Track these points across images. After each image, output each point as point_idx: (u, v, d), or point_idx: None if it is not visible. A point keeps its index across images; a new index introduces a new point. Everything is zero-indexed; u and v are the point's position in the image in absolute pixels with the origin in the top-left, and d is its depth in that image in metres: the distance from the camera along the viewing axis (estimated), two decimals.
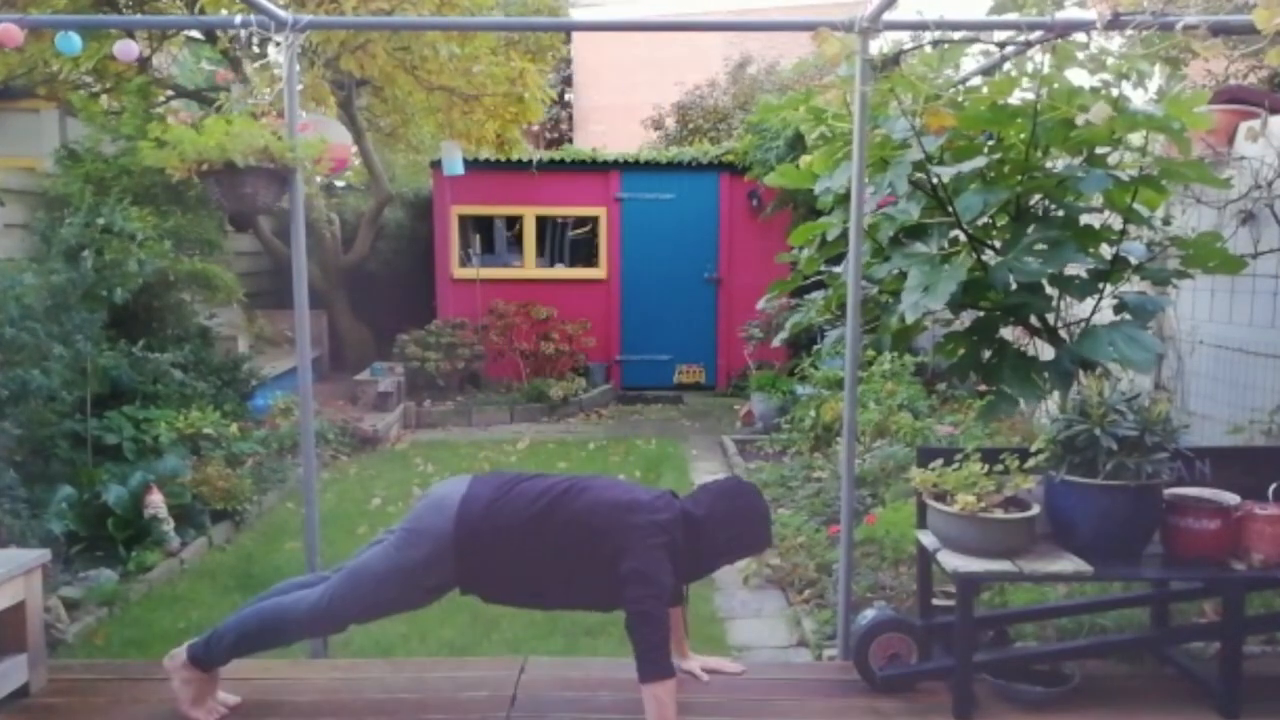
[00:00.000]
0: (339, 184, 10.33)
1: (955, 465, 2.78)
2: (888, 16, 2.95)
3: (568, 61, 15.32)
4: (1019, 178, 3.02)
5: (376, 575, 2.56)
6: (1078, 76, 2.86)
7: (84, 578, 4.08)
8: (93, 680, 2.98)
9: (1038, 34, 2.86)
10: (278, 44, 3.22)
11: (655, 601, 2.42)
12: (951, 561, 2.64)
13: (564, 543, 2.49)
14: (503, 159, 9.24)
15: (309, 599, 2.61)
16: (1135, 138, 2.94)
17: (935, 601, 3.03)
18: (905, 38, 3.06)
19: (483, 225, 9.98)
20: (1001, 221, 3.21)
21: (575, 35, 14.77)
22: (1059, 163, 3.15)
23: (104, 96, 7.85)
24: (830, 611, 3.69)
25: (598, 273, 9.74)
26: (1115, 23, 2.81)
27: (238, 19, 3.19)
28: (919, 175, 3.08)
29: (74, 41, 3.19)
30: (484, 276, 9.39)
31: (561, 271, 9.87)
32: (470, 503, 2.53)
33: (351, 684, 2.90)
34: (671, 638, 2.54)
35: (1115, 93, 2.82)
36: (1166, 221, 3.32)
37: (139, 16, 6.99)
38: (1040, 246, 2.88)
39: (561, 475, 2.68)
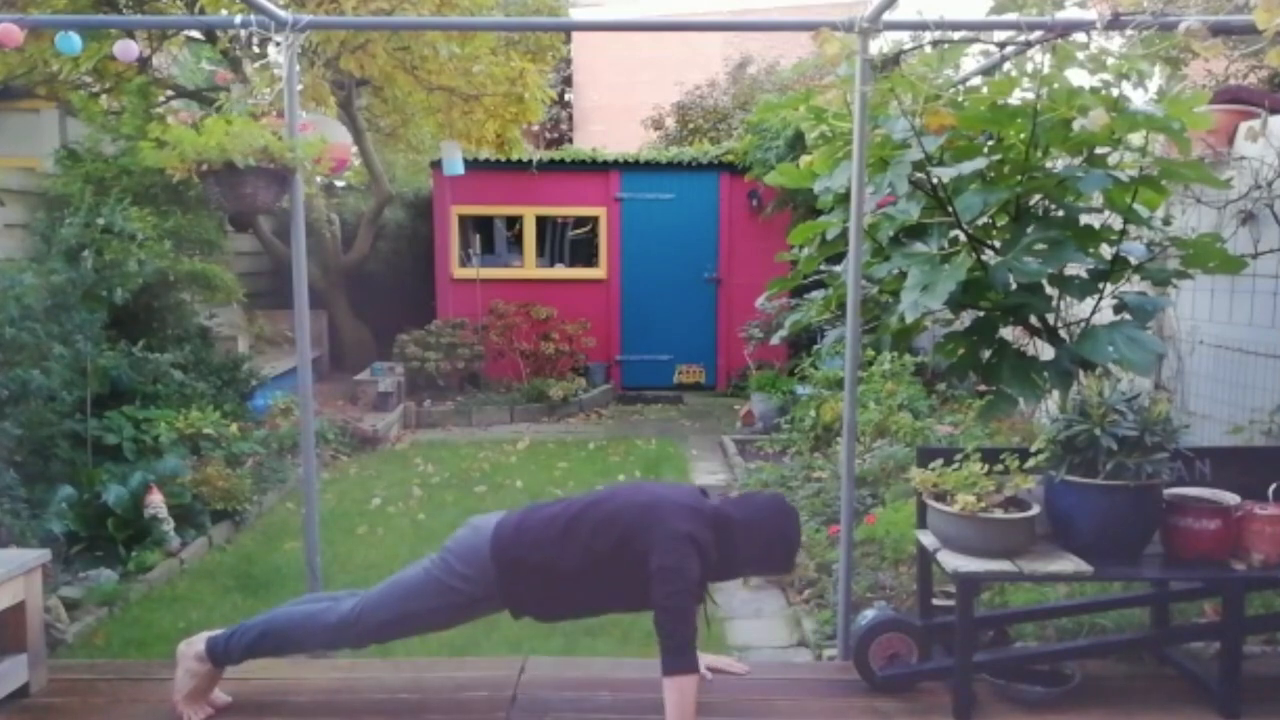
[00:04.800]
0: (339, 184, 10.33)
1: (955, 465, 2.78)
2: (888, 16, 2.95)
3: (568, 61, 15.32)
4: (1019, 178, 3.01)
5: (410, 587, 2.64)
6: (1078, 77, 2.86)
7: (84, 578, 4.09)
8: (93, 680, 2.98)
9: (1038, 34, 2.86)
10: (278, 44, 3.22)
11: (683, 596, 2.43)
12: (951, 561, 2.64)
13: (596, 548, 2.52)
14: (503, 159, 9.24)
15: (339, 609, 2.64)
16: (1135, 138, 2.93)
17: (935, 601, 3.03)
18: (905, 38, 3.06)
19: (483, 225, 9.98)
20: (1001, 221, 3.21)
21: (575, 35, 14.77)
22: (1059, 163, 3.14)
23: (104, 96, 7.85)
24: (830, 611, 3.69)
25: (598, 273, 9.75)
26: (1115, 23, 2.81)
27: (238, 19, 3.19)
28: (919, 175, 3.07)
29: (74, 41, 3.19)
30: (484, 276, 9.39)
31: (561, 271, 9.87)
32: (504, 523, 2.63)
33: (351, 684, 2.90)
34: None
35: (1115, 93, 2.82)
36: (1166, 221, 3.32)
37: (139, 16, 6.99)
38: (1040, 246, 2.88)
39: (590, 491, 2.76)
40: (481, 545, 2.59)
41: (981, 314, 3.23)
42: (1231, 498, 2.69)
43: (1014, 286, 2.97)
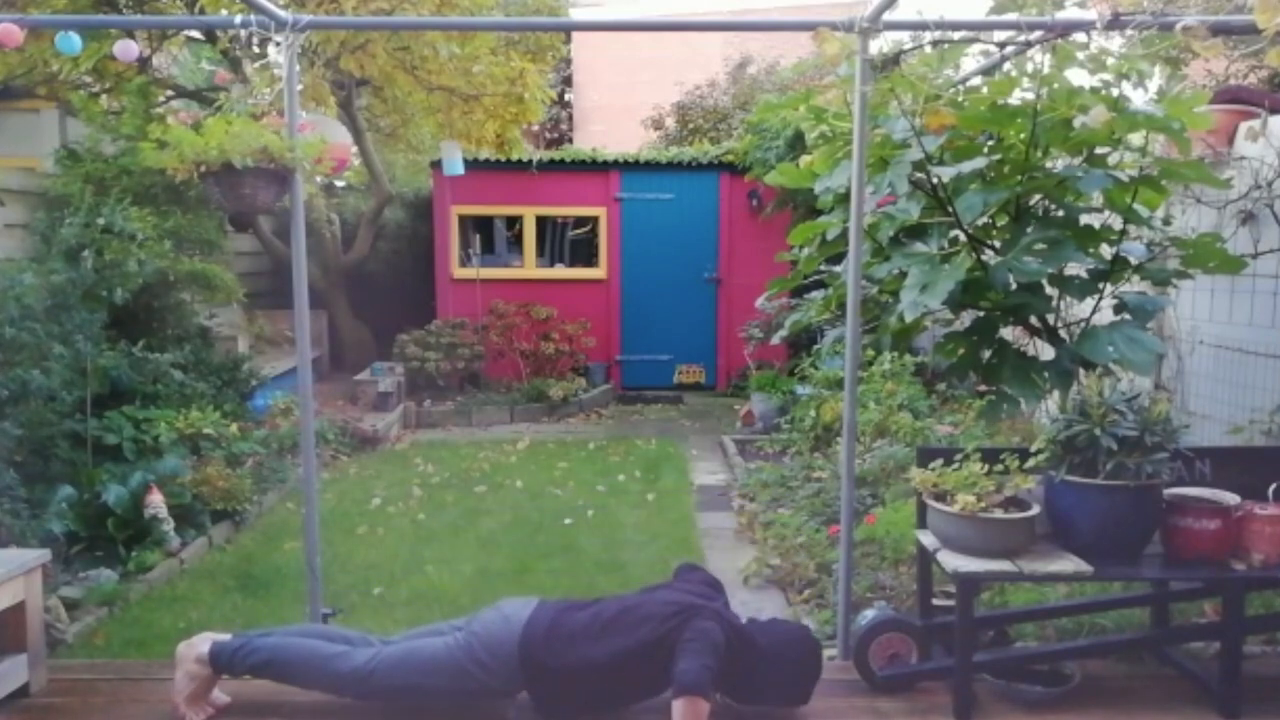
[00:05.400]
0: (339, 184, 10.34)
1: (955, 465, 2.78)
2: (888, 16, 2.95)
3: (568, 61, 15.32)
4: (1019, 178, 3.01)
5: (430, 663, 2.60)
6: (1078, 76, 2.86)
7: (84, 578, 4.08)
8: (93, 680, 2.98)
9: (1038, 34, 2.86)
10: (278, 44, 3.22)
11: (711, 640, 2.43)
12: (951, 561, 2.64)
13: (625, 654, 2.51)
14: (503, 159, 9.24)
15: (354, 660, 2.63)
16: (1135, 138, 2.94)
17: (935, 601, 3.03)
18: (905, 38, 3.06)
19: (483, 225, 9.98)
20: (1001, 221, 3.21)
21: (575, 35, 14.78)
22: (1059, 163, 3.15)
23: (104, 96, 7.85)
24: (830, 611, 3.69)
25: (598, 273, 9.74)
26: (1115, 23, 2.81)
27: (238, 19, 3.19)
28: (919, 175, 3.08)
29: (74, 41, 3.19)
30: (484, 276, 9.39)
31: (561, 271, 9.87)
32: (535, 623, 2.60)
33: None
34: None
35: (1115, 93, 2.82)
36: (1166, 221, 3.32)
37: (139, 16, 6.99)
38: (1040, 246, 2.88)
39: (621, 595, 2.76)
40: (510, 640, 2.56)
41: (981, 314, 3.23)
42: (1231, 498, 2.69)
43: (1014, 286, 2.97)
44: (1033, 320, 3.20)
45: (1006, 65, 3.37)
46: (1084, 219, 3.13)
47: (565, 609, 2.66)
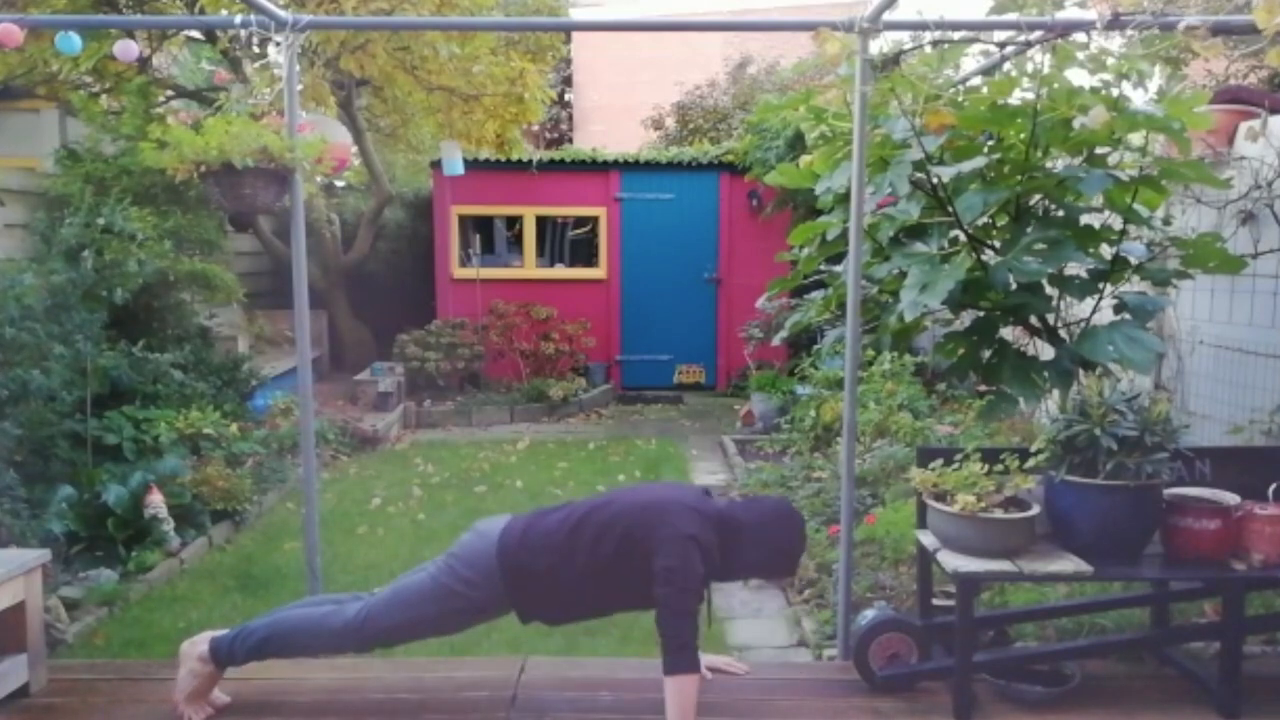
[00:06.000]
0: (339, 184, 10.34)
1: (955, 465, 2.78)
2: (888, 16, 2.95)
3: (568, 61, 15.32)
4: (1019, 178, 3.02)
5: (415, 593, 2.63)
6: (1078, 76, 2.86)
7: (84, 578, 4.09)
8: (93, 680, 2.98)
9: (1038, 34, 2.86)
10: (278, 44, 3.22)
11: (686, 596, 2.44)
12: (951, 561, 2.64)
13: (601, 552, 2.53)
14: (503, 159, 9.24)
15: (344, 614, 2.65)
16: (1135, 138, 2.94)
17: (935, 601, 3.03)
18: (905, 38, 3.06)
19: (483, 225, 9.98)
20: (1001, 221, 3.21)
21: (575, 35, 14.77)
22: (1059, 163, 3.15)
23: (104, 96, 7.85)
24: (830, 611, 3.69)
25: (598, 273, 9.75)
26: (1115, 23, 2.81)
27: (238, 19, 3.19)
28: (919, 175, 3.07)
29: (74, 41, 3.19)
30: (484, 276, 9.39)
31: (561, 271, 9.87)
32: (510, 530, 2.64)
33: (351, 684, 2.90)
34: None
35: (1115, 93, 2.82)
36: (1166, 221, 3.32)
37: (139, 16, 6.99)
38: (1040, 246, 2.88)
39: (593, 496, 2.78)
40: (488, 551, 2.59)
41: (981, 314, 3.23)
42: (1231, 498, 2.69)
43: (1014, 286, 2.97)
44: (1033, 320, 3.20)
45: (1006, 65, 3.37)
46: (1084, 219, 3.13)
47: (538, 514, 2.71)
